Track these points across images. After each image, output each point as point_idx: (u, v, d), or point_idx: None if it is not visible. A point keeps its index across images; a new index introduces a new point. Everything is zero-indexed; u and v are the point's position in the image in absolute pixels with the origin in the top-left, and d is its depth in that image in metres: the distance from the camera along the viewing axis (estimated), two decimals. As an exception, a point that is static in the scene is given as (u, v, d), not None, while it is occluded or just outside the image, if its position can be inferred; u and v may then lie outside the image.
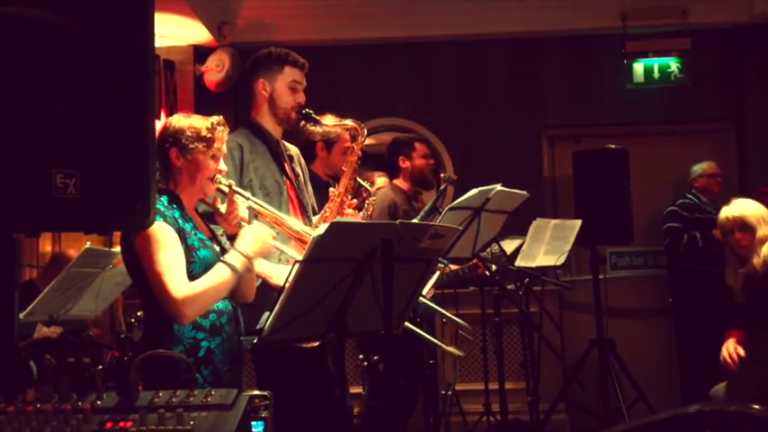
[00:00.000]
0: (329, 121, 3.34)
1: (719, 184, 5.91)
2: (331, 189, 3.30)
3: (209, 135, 2.60)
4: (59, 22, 1.61)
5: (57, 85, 1.63)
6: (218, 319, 2.55)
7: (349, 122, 3.29)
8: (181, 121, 2.63)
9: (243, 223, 2.65)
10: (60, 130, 1.62)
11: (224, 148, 2.68)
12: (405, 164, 4.63)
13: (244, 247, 2.56)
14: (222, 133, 2.65)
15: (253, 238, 2.58)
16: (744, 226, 3.98)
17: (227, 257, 2.53)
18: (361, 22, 6.30)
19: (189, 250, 2.50)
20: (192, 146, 2.58)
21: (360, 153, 3.29)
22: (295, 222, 2.87)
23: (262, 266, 2.88)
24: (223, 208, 2.67)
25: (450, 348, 3.34)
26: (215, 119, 2.66)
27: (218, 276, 2.49)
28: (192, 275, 2.48)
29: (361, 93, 6.49)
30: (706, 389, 4.41)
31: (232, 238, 2.67)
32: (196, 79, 6.23)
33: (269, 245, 2.62)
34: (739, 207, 4.05)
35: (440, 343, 3.40)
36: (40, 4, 1.59)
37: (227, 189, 2.67)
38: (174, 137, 2.59)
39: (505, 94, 6.52)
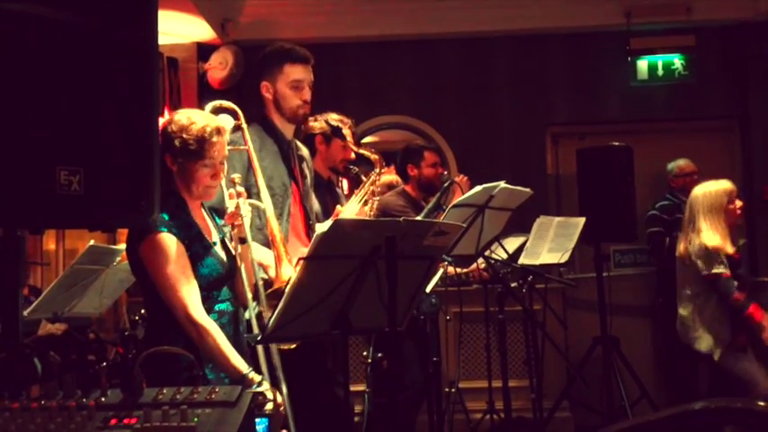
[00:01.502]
0: (353, 144, 3.68)
1: (697, 182, 5.89)
2: (338, 207, 3.33)
3: (196, 147, 2.48)
4: (63, 20, 1.61)
5: (61, 83, 1.63)
6: (219, 320, 2.54)
7: (375, 156, 3.53)
8: (173, 125, 2.52)
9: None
10: (64, 127, 1.62)
11: (224, 152, 2.56)
12: (413, 172, 4.77)
13: (266, 388, 2.40)
14: (217, 143, 2.51)
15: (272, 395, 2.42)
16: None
17: (252, 373, 2.41)
18: (364, 20, 6.29)
19: (194, 258, 2.49)
20: (180, 159, 2.51)
21: (376, 186, 3.47)
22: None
23: (262, 256, 2.87)
24: (230, 205, 2.64)
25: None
26: (208, 127, 2.51)
27: (229, 353, 2.42)
28: (197, 284, 2.48)
29: (365, 90, 6.49)
30: (696, 387, 4.47)
31: (243, 240, 2.66)
32: (199, 77, 6.23)
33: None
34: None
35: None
36: (45, 2, 1.59)
37: (238, 192, 2.64)
38: (165, 143, 2.48)
39: (509, 91, 6.51)
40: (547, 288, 4.68)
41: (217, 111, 2.81)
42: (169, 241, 2.44)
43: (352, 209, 3.34)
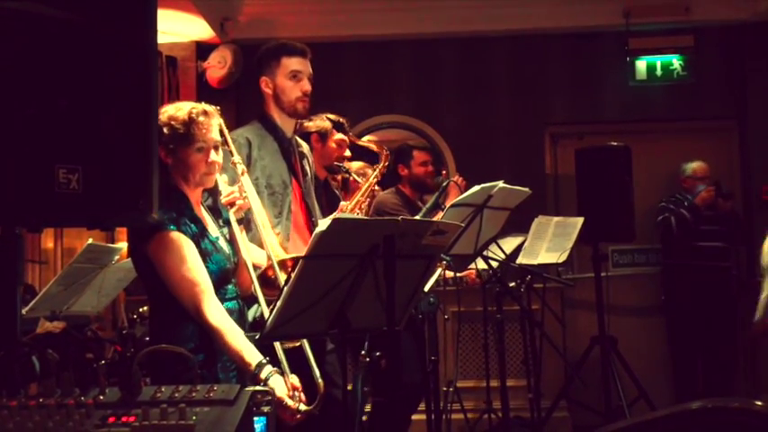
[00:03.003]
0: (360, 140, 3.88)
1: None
2: (342, 203, 3.34)
3: (184, 130, 2.47)
4: (62, 18, 1.61)
5: (60, 81, 1.63)
6: None
7: (376, 147, 3.72)
8: (161, 116, 2.49)
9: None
10: (63, 125, 1.62)
11: (213, 135, 2.54)
12: (403, 171, 4.80)
13: (274, 379, 2.36)
14: (205, 123, 2.50)
15: (282, 383, 2.41)
16: None
17: (264, 363, 2.36)
18: (363, 19, 6.29)
19: (202, 255, 2.48)
20: (172, 146, 2.49)
21: (380, 177, 3.62)
22: (270, 236, 2.82)
23: (256, 257, 2.87)
24: (224, 189, 2.62)
25: None
26: (194, 110, 2.50)
27: (241, 349, 2.38)
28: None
29: (364, 89, 6.49)
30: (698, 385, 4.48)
31: (240, 221, 2.65)
32: (198, 76, 6.23)
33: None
34: None
35: None
36: (44, 0, 1.59)
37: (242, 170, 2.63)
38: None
39: (508, 91, 6.52)
40: (545, 288, 4.69)
41: None
42: (181, 240, 2.41)
43: (368, 187, 3.39)
